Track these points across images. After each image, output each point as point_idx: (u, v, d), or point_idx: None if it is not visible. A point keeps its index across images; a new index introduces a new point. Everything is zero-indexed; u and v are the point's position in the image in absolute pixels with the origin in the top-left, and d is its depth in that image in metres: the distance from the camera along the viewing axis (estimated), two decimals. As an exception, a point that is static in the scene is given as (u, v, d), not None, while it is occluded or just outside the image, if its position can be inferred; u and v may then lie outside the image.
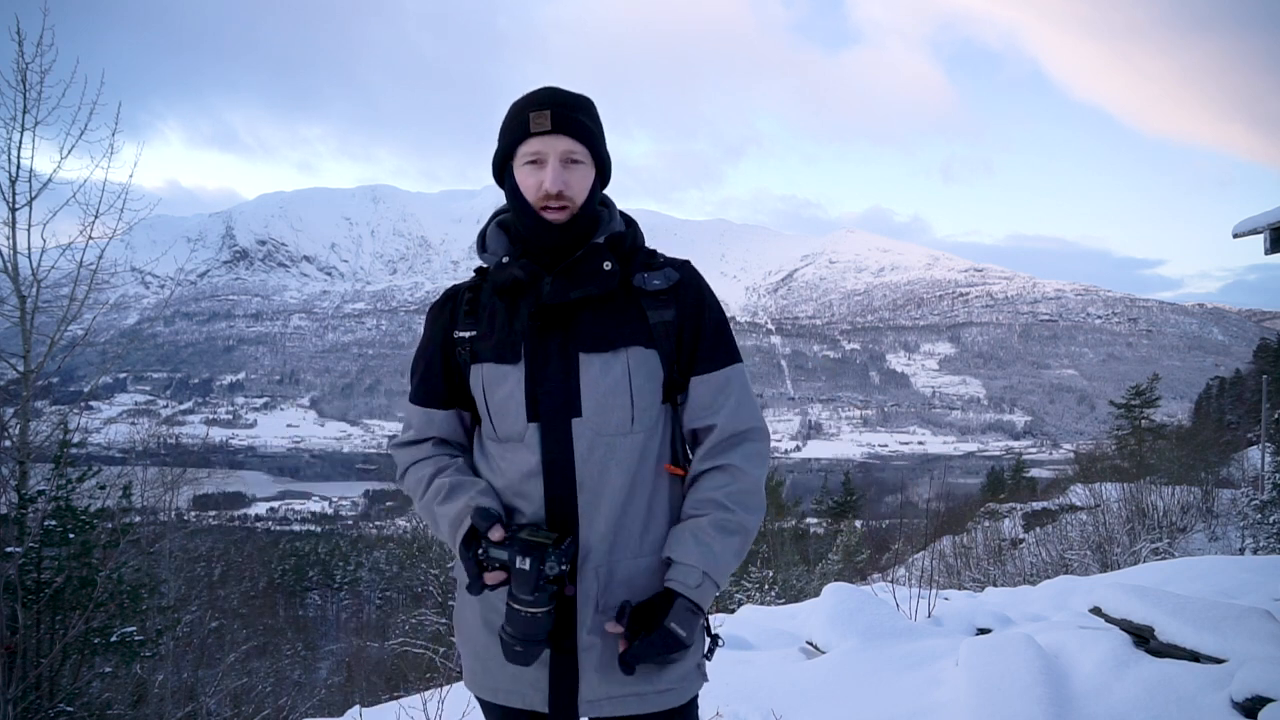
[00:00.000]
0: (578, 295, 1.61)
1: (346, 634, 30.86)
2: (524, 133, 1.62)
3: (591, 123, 1.66)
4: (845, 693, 4.40)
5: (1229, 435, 35.13)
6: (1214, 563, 7.87)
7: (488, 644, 1.65)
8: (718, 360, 1.69)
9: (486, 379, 1.66)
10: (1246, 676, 3.25)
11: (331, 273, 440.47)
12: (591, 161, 1.66)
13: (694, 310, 1.69)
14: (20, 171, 6.68)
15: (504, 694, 1.66)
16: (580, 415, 1.60)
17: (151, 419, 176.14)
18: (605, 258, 1.64)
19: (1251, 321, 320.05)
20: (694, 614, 1.58)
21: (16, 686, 5.28)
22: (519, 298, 1.66)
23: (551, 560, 1.49)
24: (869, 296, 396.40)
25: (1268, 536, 12.91)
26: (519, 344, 1.63)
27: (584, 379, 1.61)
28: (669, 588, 1.59)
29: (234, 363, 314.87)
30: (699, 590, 1.58)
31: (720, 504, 1.63)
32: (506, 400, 1.64)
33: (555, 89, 1.65)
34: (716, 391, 1.68)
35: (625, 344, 1.63)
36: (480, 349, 1.67)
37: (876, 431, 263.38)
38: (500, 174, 1.71)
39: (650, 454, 1.66)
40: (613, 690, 1.60)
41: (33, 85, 6.70)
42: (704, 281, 1.75)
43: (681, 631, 1.55)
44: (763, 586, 15.68)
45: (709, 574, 1.59)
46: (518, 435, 1.63)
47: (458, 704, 4.28)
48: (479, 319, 1.70)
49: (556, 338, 1.62)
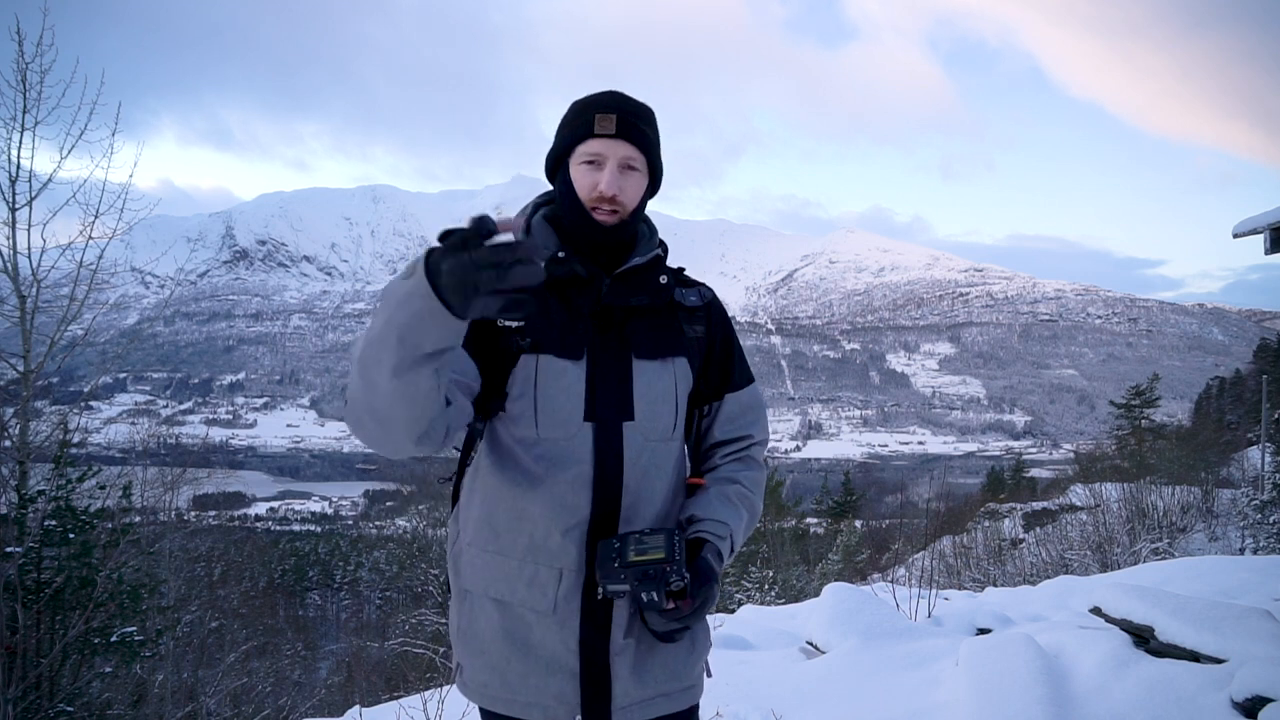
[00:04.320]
0: (637, 302, 1.65)
1: (346, 634, 30.82)
2: (587, 132, 1.62)
3: (653, 133, 1.67)
4: (845, 693, 4.40)
5: (1229, 435, 35.11)
6: (1214, 563, 7.87)
7: (509, 656, 1.60)
8: (746, 379, 1.81)
9: (542, 371, 1.58)
10: (1246, 676, 3.25)
11: (331, 273, 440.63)
12: (647, 171, 1.67)
13: (722, 330, 1.78)
14: (20, 171, 6.69)
15: (522, 706, 1.61)
16: (633, 419, 1.62)
17: (151, 419, 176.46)
18: (662, 271, 1.71)
19: (1251, 321, 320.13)
20: (720, 560, 1.62)
21: (16, 686, 5.28)
22: (574, 295, 1.64)
23: (675, 579, 1.45)
24: (869, 296, 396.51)
25: (1268, 536, 12.91)
26: (582, 341, 1.61)
27: (637, 384, 1.63)
28: (699, 535, 1.63)
29: (234, 363, 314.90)
30: (724, 543, 1.64)
31: (740, 483, 1.74)
32: (561, 395, 1.59)
33: (622, 94, 1.67)
34: (748, 408, 1.80)
35: (672, 354, 1.68)
36: (538, 339, 1.58)
37: (876, 431, 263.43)
38: (553, 170, 1.71)
39: (681, 462, 1.73)
40: (646, 692, 1.61)
41: (33, 85, 6.71)
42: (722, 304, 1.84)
43: (715, 564, 1.59)
44: (763, 586, 15.68)
45: (732, 534, 1.66)
46: (567, 434, 1.58)
47: (458, 704, 4.28)
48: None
49: (614, 340, 1.64)
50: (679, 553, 1.46)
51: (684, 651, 1.66)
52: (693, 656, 1.68)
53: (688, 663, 1.67)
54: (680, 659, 1.65)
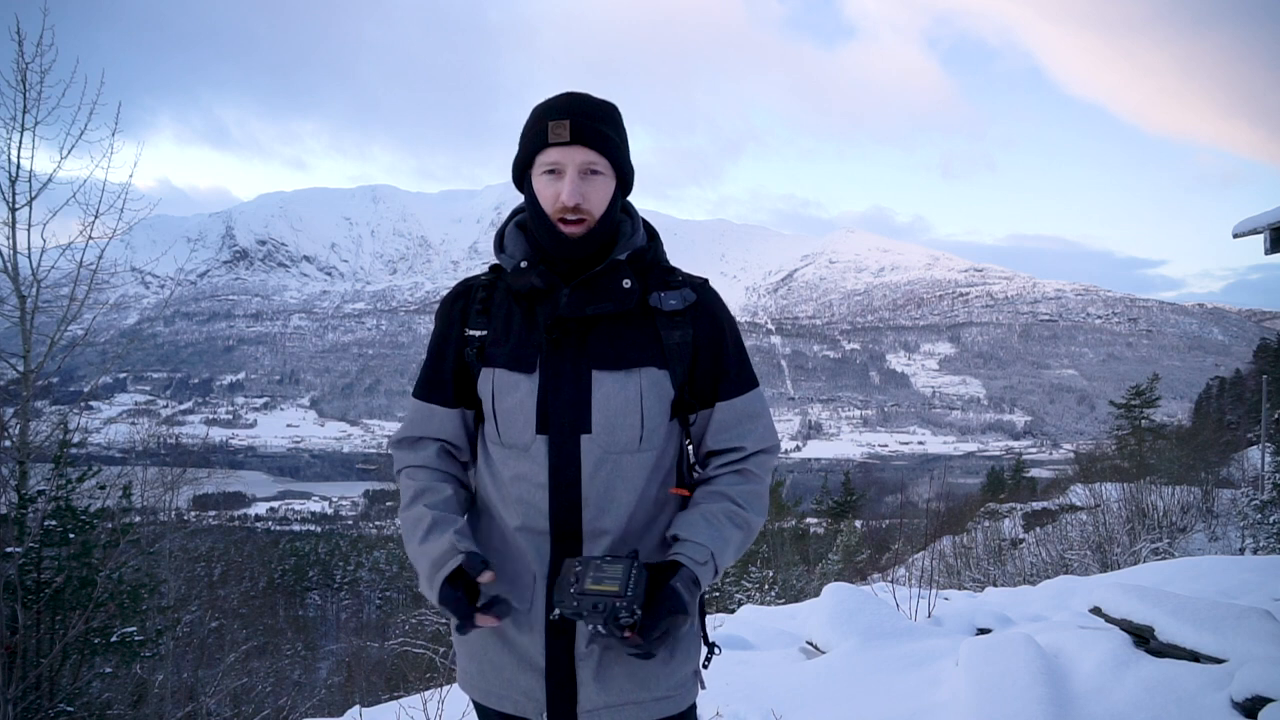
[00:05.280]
0: (594, 311, 1.59)
1: (346, 634, 30.83)
2: (543, 141, 1.59)
3: (613, 132, 1.62)
4: (845, 693, 4.40)
5: (1229, 435, 35.13)
6: (1214, 563, 7.87)
7: (485, 647, 1.65)
8: (742, 386, 1.70)
9: (497, 385, 1.63)
10: (1246, 676, 3.25)
11: (331, 273, 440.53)
12: (612, 172, 1.63)
13: (711, 335, 1.68)
14: (20, 171, 6.72)
15: (497, 699, 1.66)
16: (589, 432, 1.58)
17: (151, 419, 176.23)
18: (626, 275, 1.62)
19: (1251, 321, 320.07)
20: (695, 586, 1.56)
21: (16, 686, 5.28)
22: (535, 305, 1.63)
23: (624, 614, 1.44)
24: (869, 296, 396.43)
25: (1268, 536, 12.90)
26: (535, 354, 1.61)
27: (596, 396, 1.59)
28: (675, 559, 1.57)
29: (234, 363, 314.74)
30: (703, 568, 1.57)
31: (732, 499, 1.66)
32: (515, 409, 1.61)
33: (576, 96, 1.62)
34: (743, 417, 1.70)
35: (639, 364, 1.61)
36: (493, 353, 1.64)
37: (876, 431, 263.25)
38: (520, 179, 1.68)
39: (658, 473, 1.66)
40: (610, 699, 1.58)
41: (33, 85, 6.75)
42: (721, 303, 1.73)
43: (685, 594, 1.51)
44: (763, 586, 15.67)
45: (714, 556, 1.59)
46: (524, 445, 1.61)
47: (458, 704, 4.28)
48: (491, 319, 1.68)
49: (570, 352, 1.60)
50: (632, 587, 1.44)
51: (656, 662, 1.60)
52: (667, 668, 1.62)
53: (660, 674, 1.61)
54: (650, 670, 1.60)
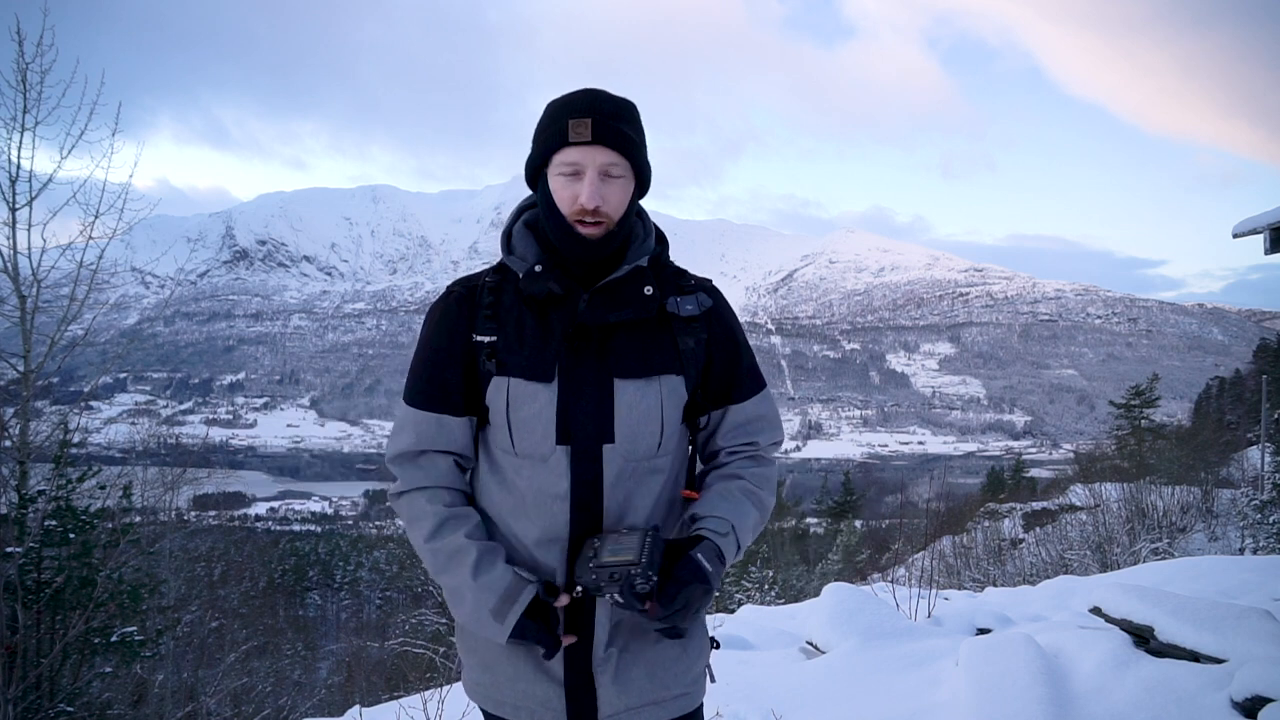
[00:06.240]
0: (616, 318, 1.56)
1: (346, 634, 30.81)
2: (562, 140, 1.53)
3: (634, 132, 1.58)
4: (845, 693, 4.40)
5: (1229, 435, 35.09)
6: (1214, 563, 7.87)
7: (498, 656, 1.61)
8: (755, 387, 1.71)
9: (513, 394, 1.56)
10: (1246, 676, 3.25)
11: (331, 273, 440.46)
12: (631, 174, 1.58)
13: (725, 340, 1.67)
14: (20, 171, 6.71)
15: (512, 709, 1.61)
16: (612, 441, 1.55)
17: (151, 419, 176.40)
18: (648, 281, 1.59)
19: (1251, 321, 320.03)
20: (718, 559, 1.54)
21: (16, 686, 5.28)
22: (551, 311, 1.58)
23: (639, 581, 1.43)
24: (869, 296, 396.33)
25: (1268, 536, 12.90)
26: (553, 363, 1.55)
27: (618, 405, 1.55)
28: (698, 533, 1.56)
29: (234, 363, 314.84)
30: (725, 539, 1.56)
31: (746, 479, 1.67)
32: (533, 419, 1.55)
33: (598, 93, 1.57)
34: (755, 418, 1.71)
35: (659, 371, 1.58)
36: (508, 361, 1.57)
37: (876, 431, 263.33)
38: (533, 176, 1.63)
39: (672, 478, 1.64)
40: (631, 701, 1.57)
41: (33, 85, 6.73)
42: (729, 306, 1.72)
43: (707, 565, 1.50)
44: (763, 586, 15.69)
45: (735, 529, 1.58)
46: (542, 456, 1.55)
47: (458, 704, 4.28)
48: (501, 323, 1.60)
49: (591, 360, 1.56)
50: (647, 554, 1.44)
51: (672, 660, 1.60)
52: (682, 664, 1.62)
53: (676, 671, 1.61)
54: (667, 667, 1.60)
